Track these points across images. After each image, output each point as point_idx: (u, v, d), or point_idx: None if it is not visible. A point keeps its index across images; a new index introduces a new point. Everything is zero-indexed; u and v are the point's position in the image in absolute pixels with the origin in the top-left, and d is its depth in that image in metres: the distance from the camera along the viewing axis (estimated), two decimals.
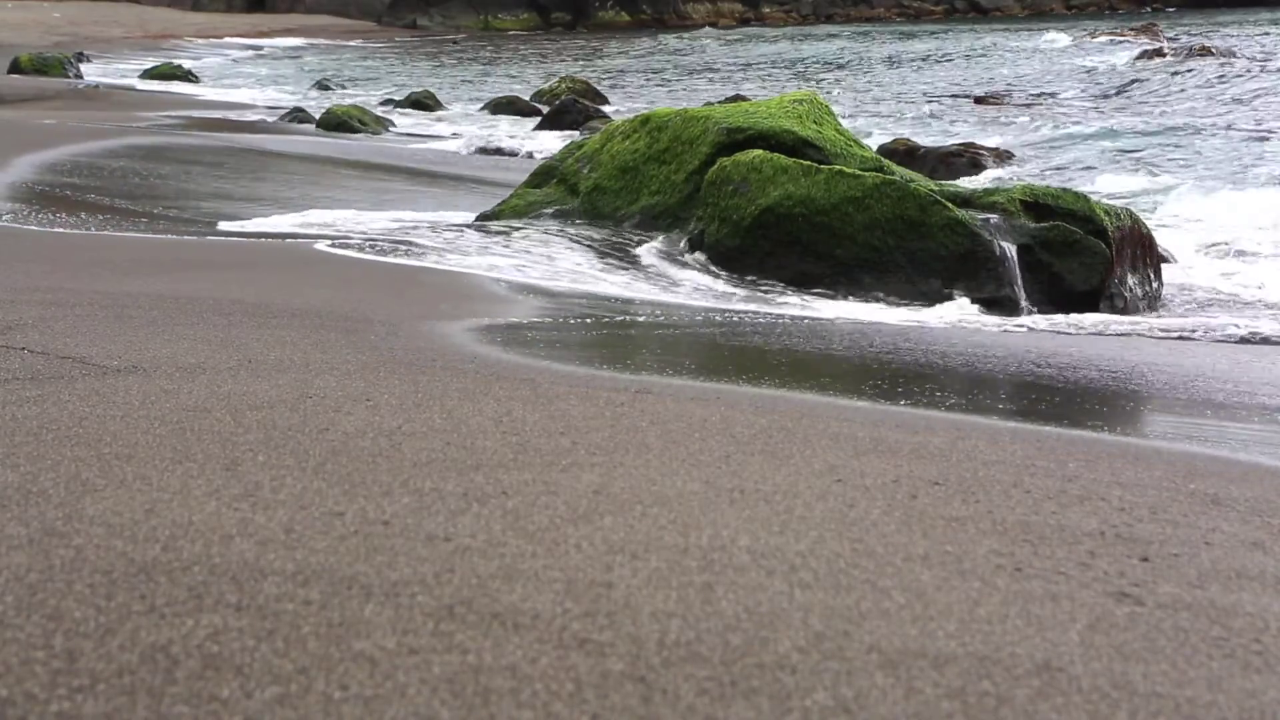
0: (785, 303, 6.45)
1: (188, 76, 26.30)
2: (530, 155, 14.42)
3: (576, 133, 15.96)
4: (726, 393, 3.67)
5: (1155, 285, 7.08)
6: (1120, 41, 31.95)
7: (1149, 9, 59.66)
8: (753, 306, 6.19)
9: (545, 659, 1.78)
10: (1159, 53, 27.06)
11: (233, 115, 17.78)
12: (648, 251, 7.23)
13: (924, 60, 33.71)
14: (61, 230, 6.73)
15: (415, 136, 17.20)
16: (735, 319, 5.63)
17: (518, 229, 7.57)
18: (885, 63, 33.48)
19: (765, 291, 6.66)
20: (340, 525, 2.24)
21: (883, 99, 23.63)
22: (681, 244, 7.22)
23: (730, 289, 6.70)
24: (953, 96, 22.90)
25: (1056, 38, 36.59)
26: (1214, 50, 26.71)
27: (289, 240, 6.93)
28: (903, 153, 14.42)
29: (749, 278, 6.80)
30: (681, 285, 6.71)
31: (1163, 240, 7.87)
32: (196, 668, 1.70)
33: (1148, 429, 4.23)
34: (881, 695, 1.74)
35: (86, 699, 1.61)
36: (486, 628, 1.86)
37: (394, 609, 1.91)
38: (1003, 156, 14.85)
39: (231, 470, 2.52)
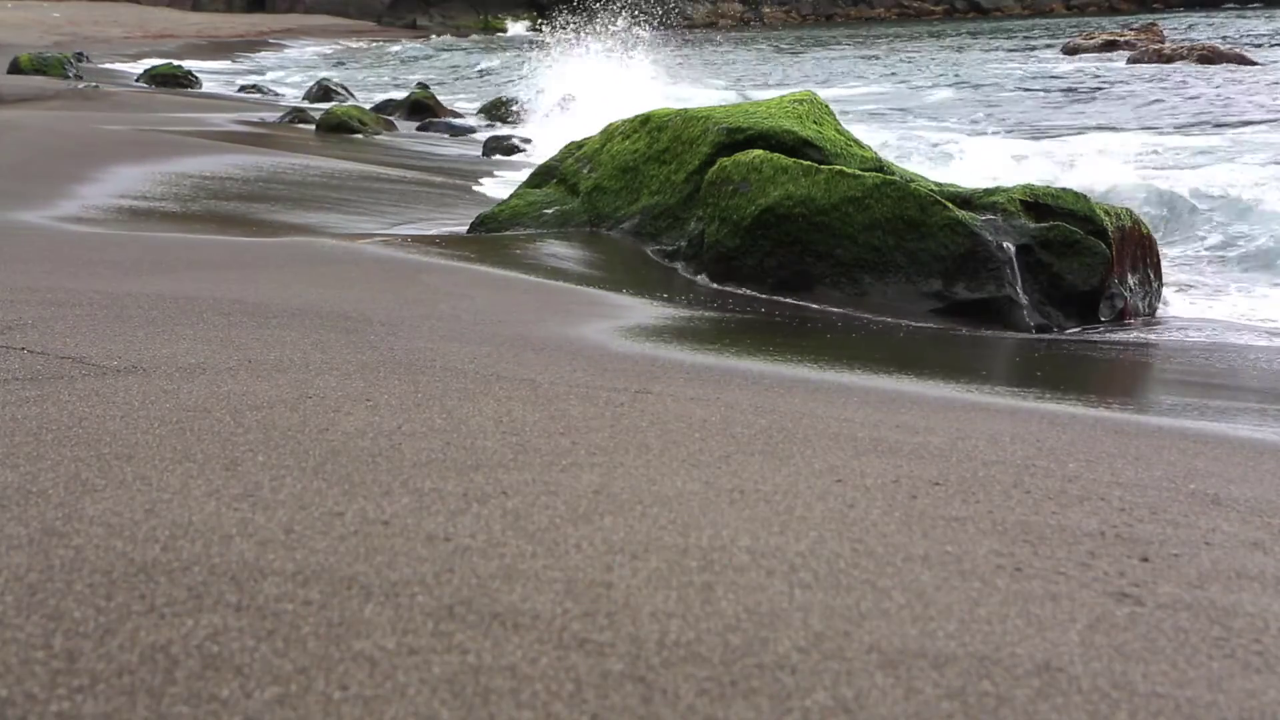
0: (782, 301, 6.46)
1: (187, 77, 26.29)
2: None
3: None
4: (727, 392, 3.67)
5: (1155, 285, 7.08)
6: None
7: (1152, 9, 59.56)
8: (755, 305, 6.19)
9: (545, 659, 1.78)
10: (1159, 54, 26.88)
11: (249, 116, 17.77)
12: (647, 252, 7.24)
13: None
14: (61, 229, 6.72)
15: (416, 137, 17.20)
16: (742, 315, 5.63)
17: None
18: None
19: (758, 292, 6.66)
20: (340, 525, 2.24)
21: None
22: (681, 244, 7.21)
23: (731, 288, 6.70)
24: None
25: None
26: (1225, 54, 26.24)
27: (289, 240, 6.93)
28: None
29: (747, 278, 6.79)
30: (678, 283, 6.71)
31: None
32: (196, 668, 1.70)
33: None
34: (881, 695, 1.74)
35: (86, 699, 1.61)
36: (486, 628, 1.86)
37: (394, 609, 1.91)
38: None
39: (231, 470, 2.52)
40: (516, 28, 63.22)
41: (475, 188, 11.56)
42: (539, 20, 64.44)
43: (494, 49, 43.33)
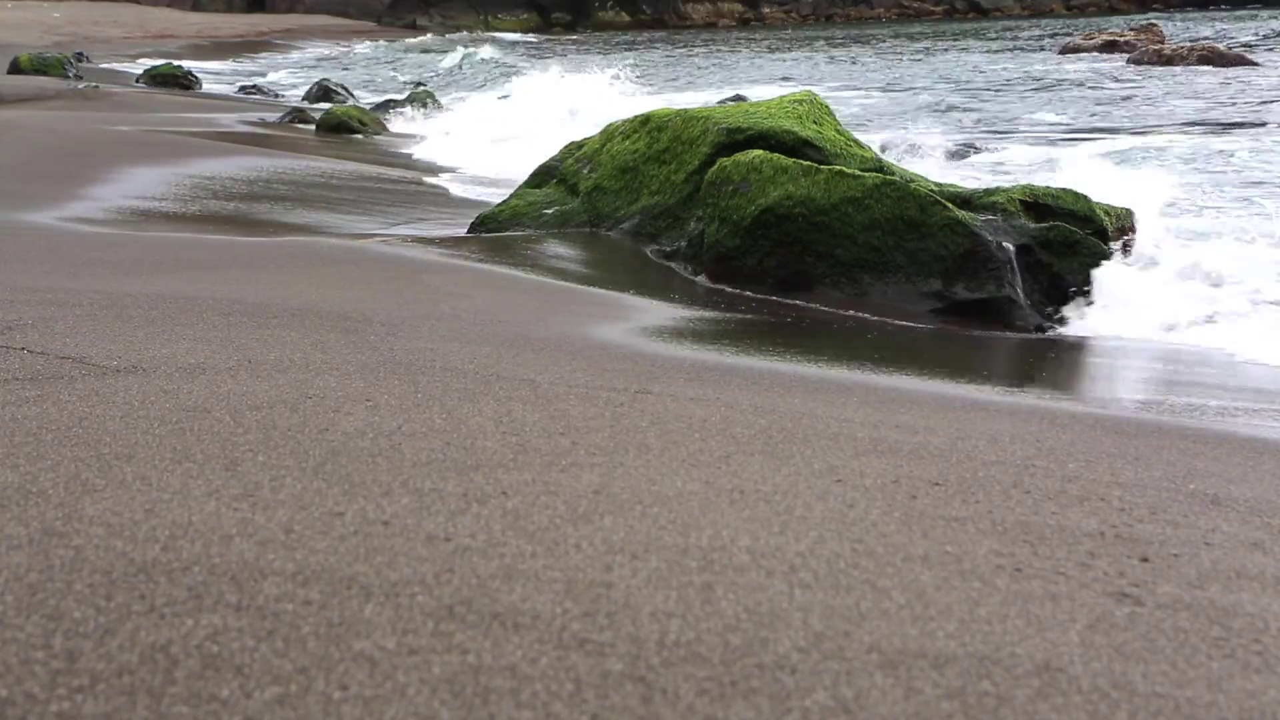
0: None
1: (187, 78, 26.29)
2: None
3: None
4: (727, 392, 3.67)
5: None
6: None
7: (1152, 9, 59.49)
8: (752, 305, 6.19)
9: (545, 659, 1.78)
10: (1159, 55, 26.80)
11: (249, 116, 17.77)
12: (646, 252, 7.24)
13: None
14: (61, 229, 6.72)
15: (415, 138, 17.20)
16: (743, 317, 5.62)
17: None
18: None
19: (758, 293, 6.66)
20: (340, 525, 2.24)
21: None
22: (680, 244, 7.22)
23: (731, 289, 6.70)
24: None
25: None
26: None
27: (289, 240, 6.93)
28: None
29: (747, 278, 6.79)
30: (677, 283, 6.71)
31: None
32: (196, 668, 1.70)
33: None
34: (881, 695, 1.74)
35: (86, 699, 1.61)
36: (486, 628, 1.86)
37: (394, 609, 1.91)
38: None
39: (231, 470, 2.52)
40: (501, 32, 63.45)
41: (428, 178, 11.55)
42: (531, 26, 64.96)
43: (477, 48, 43.38)
